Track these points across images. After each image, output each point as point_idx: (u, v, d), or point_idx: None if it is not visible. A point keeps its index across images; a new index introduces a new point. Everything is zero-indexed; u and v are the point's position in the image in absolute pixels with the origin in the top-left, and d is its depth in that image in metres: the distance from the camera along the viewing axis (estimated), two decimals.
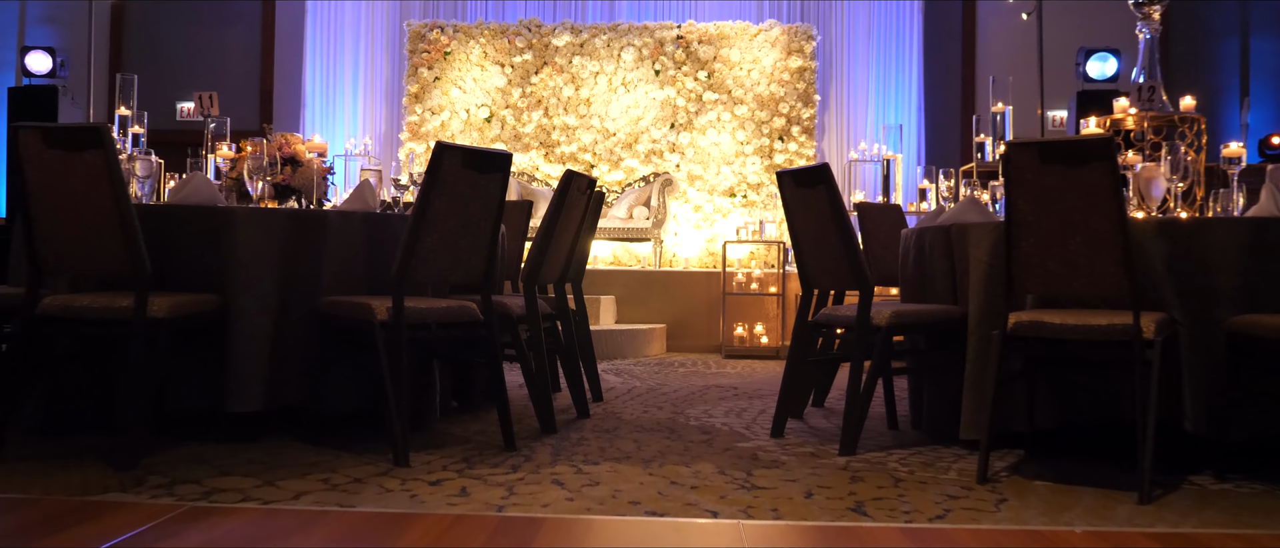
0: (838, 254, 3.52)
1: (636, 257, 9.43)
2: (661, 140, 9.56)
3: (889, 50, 9.98)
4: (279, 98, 10.42)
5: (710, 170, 9.55)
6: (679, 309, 6.90)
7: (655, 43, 9.63)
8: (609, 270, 7.04)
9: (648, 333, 6.60)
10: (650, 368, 5.96)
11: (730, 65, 9.59)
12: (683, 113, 9.56)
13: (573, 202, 3.95)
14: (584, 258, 4.59)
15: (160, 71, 10.48)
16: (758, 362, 6.42)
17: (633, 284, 6.95)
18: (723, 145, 9.55)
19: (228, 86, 10.44)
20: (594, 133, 9.58)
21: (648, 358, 6.50)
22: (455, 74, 9.72)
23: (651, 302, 6.91)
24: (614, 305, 6.93)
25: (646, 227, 8.27)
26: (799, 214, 3.70)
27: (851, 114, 9.99)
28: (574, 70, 9.62)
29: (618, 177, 9.54)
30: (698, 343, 6.85)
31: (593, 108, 9.60)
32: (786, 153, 9.54)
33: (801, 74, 9.59)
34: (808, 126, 9.58)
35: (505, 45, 9.69)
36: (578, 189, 3.95)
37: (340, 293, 3.40)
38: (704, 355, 6.71)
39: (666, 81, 9.58)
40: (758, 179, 9.52)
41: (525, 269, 3.79)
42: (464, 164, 3.19)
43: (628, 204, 8.59)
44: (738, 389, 5.06)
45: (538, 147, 9.62)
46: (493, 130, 9.68)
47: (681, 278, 6.99)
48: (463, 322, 3.33)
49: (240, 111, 10.40)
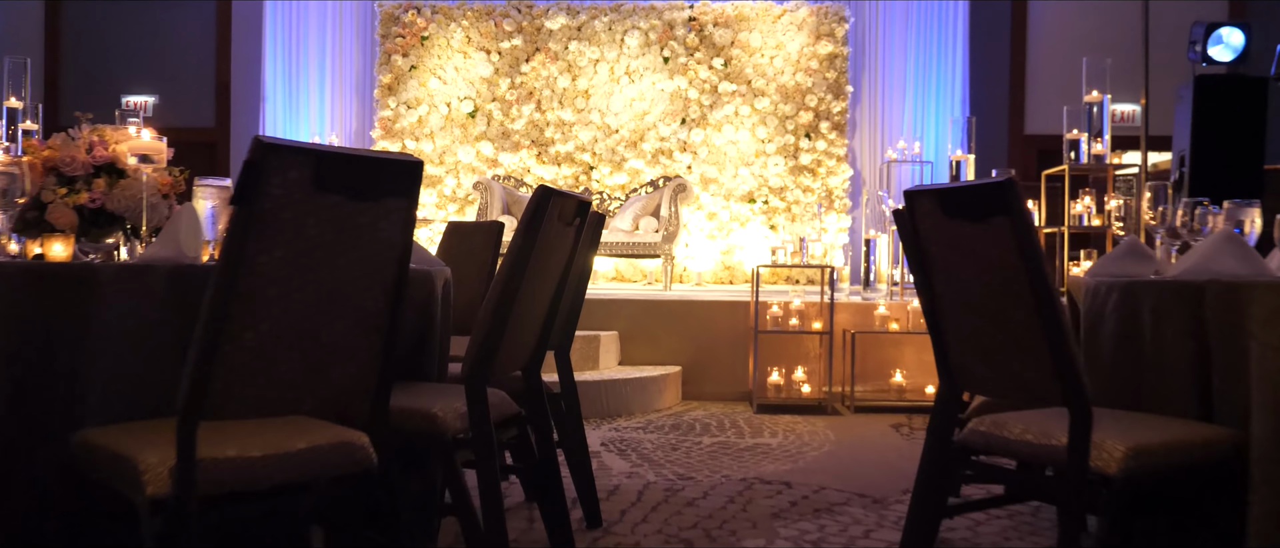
0: (1025, 341, 1.88)
1: (643, 272, 7.77)
2: (671, 138, 7.89)
3: (930, 32, 8.30)
4: (237, 91, 8.74)
5: (726, 172, 7.89)
6: (697, 347, 5.26)
7: (664, 26, 7.95)
8: (610, 300, 5.38)
9: (659, 381, 4.96)
10: (664, 435, 4.32)
11: (750, 52, 7.92)
12: (695, 106, 7.89)
13: (551, 238, 2.29)
14: (573, 320, 2.94)
15: (103, 60, 8.79)
16: (799, 418, 4.78)
17: (639, 316, 5.30)
18: (741, 143, 7.89)
19: (180, 78, 8.76)
20: (593, 130, 7.91)
21: (660, 414, 4.85)
22: (434, 62, 8.05)
23: (663, 338, 5.27)
24: (616, 344, 5.28)
25: (655, 241, 6.63)
26: (947, 262, 2.07)
27: (888, 107, 8.31)
28: (570, 58, 7.94)
29: (620, 180, 7.88)
30: (721, 389, 5.21)
31: (592, 101, 7.94)
32: (814, 152, 7.87)
33: (832, 62, 7.91)
34: (838, 122, 7.91)
35: (491, 29, 8.01)
36: (559, 217, 2.30)
37: (118, 417, 1.76)
38: (730, 408, 5.06)
39: (677, 70, 7.91)
40: (780, 182, 7.86)
41: (468, 360, 2.13)
42: (319, 183, 1.54)
43: (632, 214, 6.94)
44: (793, 482, 3.42)
45: (529, 145, 7.96)
46: (477, 126, 8.00)
47: (700, 309, 5.34)
48: (336, 475, 1.68)
49: (194, 107, 8.74)
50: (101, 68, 8.76)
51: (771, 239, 7.77)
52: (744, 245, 7.84)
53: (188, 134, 8.63)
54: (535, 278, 2.29)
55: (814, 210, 7.69)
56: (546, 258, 2.33)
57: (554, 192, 2.19)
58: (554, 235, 2.31)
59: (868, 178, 8.24)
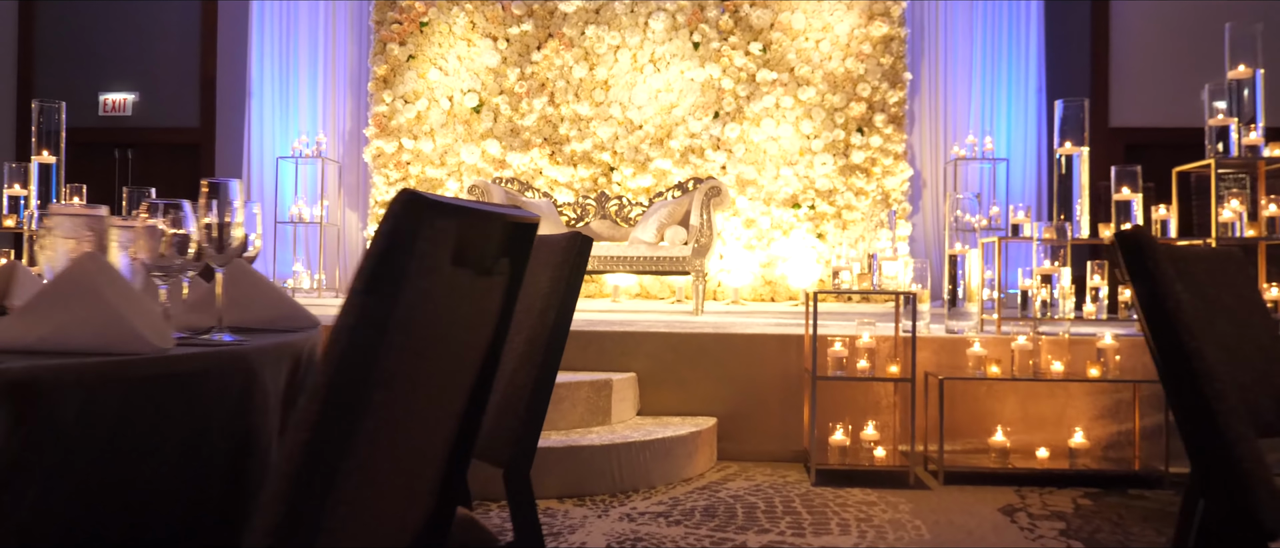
0: None
1: (671, 288, 6.47)
2: (703, 135, 6.61)
3: (999, 9, 6.92)
4: (223, 87, 7.58)
5: (766, 173, 6.59)
6: (737, 393, 3.96)
7: (693, 7, 6.67)
8: (625, 332, 4.10)
9: (688, 441, 3.66)
10: (694, 528, 3.05)
11: (792, 35, 6.61)
12: (730, 98, 6.60)
13: (445, 298, 1.00)
14: (536, 413, 1.63)
15: (80, 56, 7.68)
16: (873, 494, 3.46)
17: (664, 353, 4.02)
18: (783, 140, 6.59)
19: (162, 74, 7.62)
20: (614, 126, 6.65)
21: (689, 488, 3.56)
22: (434, 51, 6.82)
23: (693, 380, 3.98)
24: (634, 390, 3.99)
25: (684, 255, 5.33)
26: None
27: (953, 96, 6.94)
28: (587, 44, 6.69)
29: (644, 182, 6.60)
30: (768, 447, 3.91)
31: (612, 93, 6.68)
32: (867, 149, 6.54)
33: (887, 45, 6.58)
34: (895, 115, 6.57)
35: (498, 13, 6.78)
36: (464, 256, 1.01)
37: None
38: (781, 475, 3.76)
39: (709, 57, 6.62)
40: (829, 184, 6.54)
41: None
42: None
43: (656, 222, 5.64)
44: None
45: (541, 144, 6.71)
46: (483, 123, 6.77)
47: (740, 344, 4.04)
48: None
49: (178, 105, 7.59)
50: (78, 64, 7.64)
51: (820, 250, 6.45)
52: (787, 257, 6.52)
53: (170, 135, 7.49)
54: (409, 380, 1.02)
55: (879, 218, 6.35)
56: (438, 333, 1.05)
57: (437, 204, 0.92)
58: (451, 292, 1.03)
59: (929, 179, 6.88)
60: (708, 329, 4.16)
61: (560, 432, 3.61)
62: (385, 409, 0.95)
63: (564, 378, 3.73)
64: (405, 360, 0.96)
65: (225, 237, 1.47)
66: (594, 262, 5.36)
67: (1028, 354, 3.69)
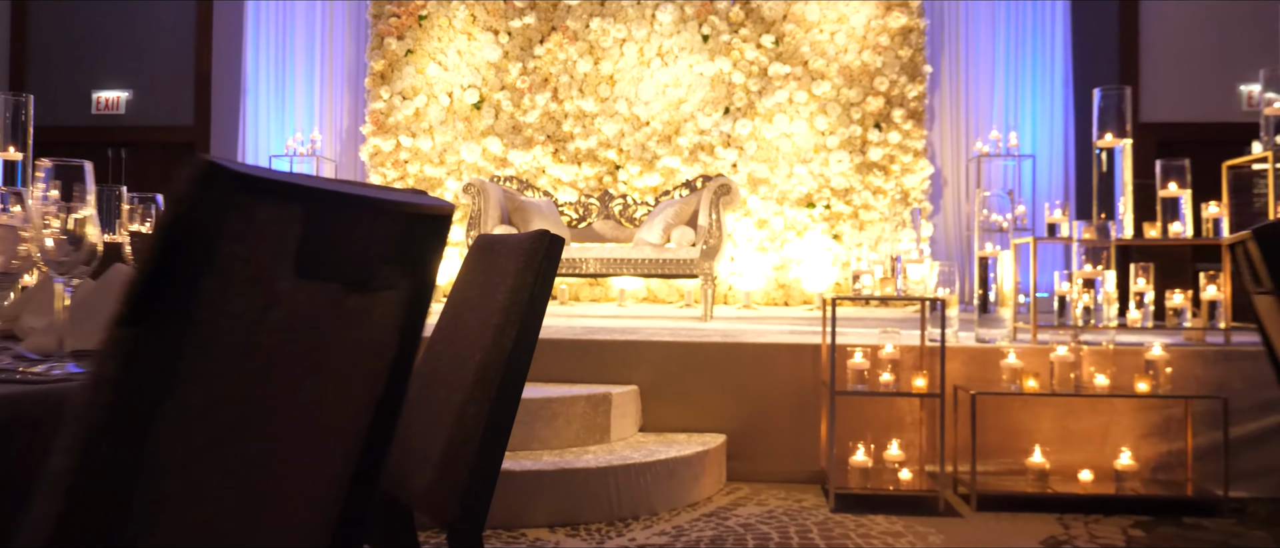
0: None
1: (680, 291, 6.11)
2: (712, 131, 6.25)
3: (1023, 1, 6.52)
4: (218, 84, 7.27)
5: (779, 171, 6.21)
6: (748, 407, 3.59)
7: None
8: (627, 341, 3.73)
9: (695, 462, 3.29)
10: None
11: (806, 26, 6.24)
12: (741, 93, 6.24)
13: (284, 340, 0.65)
14: (488, 471, 1.27)
15: (73, 54, 7.39)
16: (899, 522, 3.09)
17: (668, 364, 3.65)
18: (796, 137, 6.21)
19: (156, 71, 7.31)
20: (620, 122, 6.29)
21: (695, 514, 3.19)
22: (433, 45, 6.48)
23: (700, 393, 3.61)
24: (635, 404, 3.62)
25: (692, 258, 4.96)
26: None
27: (975, 91, 6.55)
28: (592, 37, 6.33)
29: (652, 181, 6.24)
30: (781, 466, 3.53)
31: (618, 88, 6.32)
32: (885, 146, 6.16)
33: (906, 37, 6.19)
34: (914, 109, 6.19)
35: (500, 6, 6.43)
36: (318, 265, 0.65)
37: None
38: (796, 498, 3.39)
39: (718, 51, 6.26)
40: (845, 183, 6.16)
41: None
42: None
43: (662, 223, 5.27)
44: None
45: (544, 141, 6.36)
46: (483, 119, 6.42)
47: (751, 354, 3.67)
48: None
49: (171, 103, 7.29)
50: (71, 62, 7.35)
51: (836, 252, 6.07)
52: (801, 259, 6.15)
53: (164, 133, 7.19)
54: (227, 458, 0.66)
55: (901, 217, 5.97)
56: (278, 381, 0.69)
57: (259, 182, 0.56)
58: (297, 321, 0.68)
59: (950, 177, 6.49)
60: (716, 337, 3.79)
61: (553, 451, 3.24)
62: (181, 508, 0.59)
63: (558, 391, 3.37)
64: (214, 432, 0.60)
65: (80, 235, 1.12)
66: (596, 265, 5.00)
67: (1069, 366, 3.30)
